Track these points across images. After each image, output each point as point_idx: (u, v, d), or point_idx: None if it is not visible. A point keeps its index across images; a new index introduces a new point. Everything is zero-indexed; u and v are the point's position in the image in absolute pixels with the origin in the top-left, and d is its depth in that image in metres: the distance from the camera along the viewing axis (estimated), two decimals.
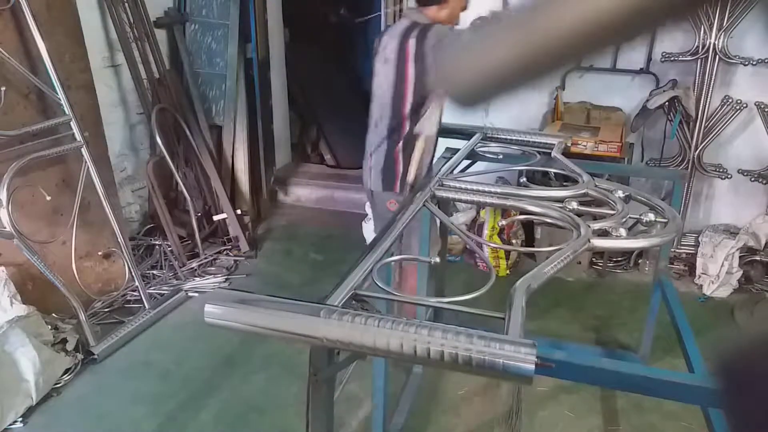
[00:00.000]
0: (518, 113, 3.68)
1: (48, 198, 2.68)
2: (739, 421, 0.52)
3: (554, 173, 2.41)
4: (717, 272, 3.35)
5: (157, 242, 3.61)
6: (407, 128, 2.33)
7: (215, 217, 3.76)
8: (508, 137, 2.59)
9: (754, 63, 3.24)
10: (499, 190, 1.97)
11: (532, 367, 0.96)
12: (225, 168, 3.95)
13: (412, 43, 2.23)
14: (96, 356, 2.66)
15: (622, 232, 1.71)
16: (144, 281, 3.12)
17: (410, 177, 2.18)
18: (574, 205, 1.84)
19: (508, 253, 3.55)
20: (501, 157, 2.54)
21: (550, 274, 1.40)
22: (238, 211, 3.84)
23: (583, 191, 1.98)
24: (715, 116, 3.39)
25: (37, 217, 2.75)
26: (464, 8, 2.38)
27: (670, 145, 3.47)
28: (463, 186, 2.02)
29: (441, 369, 2.44)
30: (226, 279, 3.46)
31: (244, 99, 3.97)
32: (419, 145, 2.29)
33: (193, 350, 2.80)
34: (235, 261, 3.64)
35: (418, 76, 2.25)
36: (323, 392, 1.25)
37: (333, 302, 1.22)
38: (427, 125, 2.27)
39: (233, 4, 3.77)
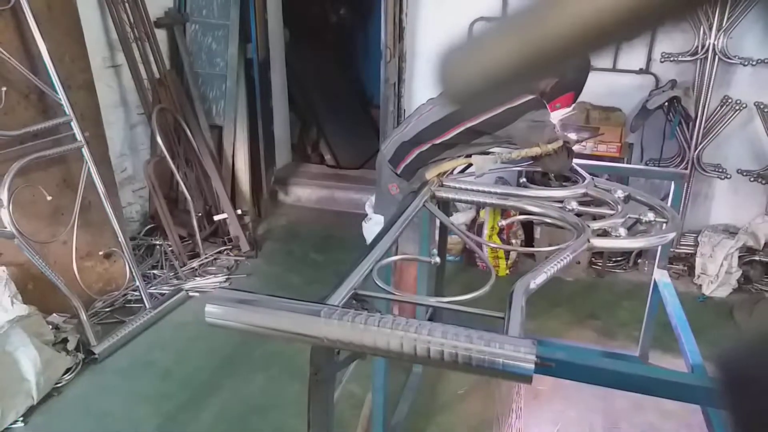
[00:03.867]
0: None
1: (49, 198, 2.68)
2: (740, 421, 0.52)
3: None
4: (716, 272, 3.36)
5: (157, 242, 3.62)
6: (434, 143, 2.32)
7: (216, 217, 3.77)
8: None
9: (754, 63, 3.24)
10: (498, 190, 1.97)
11: (532, 366, 0.97)
12: (225, 168, 3.95)
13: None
14: (97, 356, 2.67)
15: (622, 231, 1.72)
16: (145, 281, 3.13)
17: (427, 176, 2.17)
18: (574, 205, 1.85)
19: (507, 253, 3.55)
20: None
21: (550, 274, 1.41)
22: (239, 211, 3.85)
23: (582, 191, 1.99)
24: (714, 116, 3.39)
25: (37, 217, 2.75)
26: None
27: (669, 145, 3.47)
28: (462, 186, 2.02)
29: (441, 368, 2.44)
30: (227, 279, 3.47)
31: (245, 99, 3.97)
32: (450, 164, 2.26)
33: (194, 350, 2.81)
34: (236, 261, 3.65)
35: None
36: (323, 392, 1.25)
37: (333, 302, 1.22)
38: (481, 164, 2.22)
39: (233, 4, 3.78)
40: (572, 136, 2.45)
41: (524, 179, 2.53)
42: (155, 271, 3.43)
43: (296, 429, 2.33)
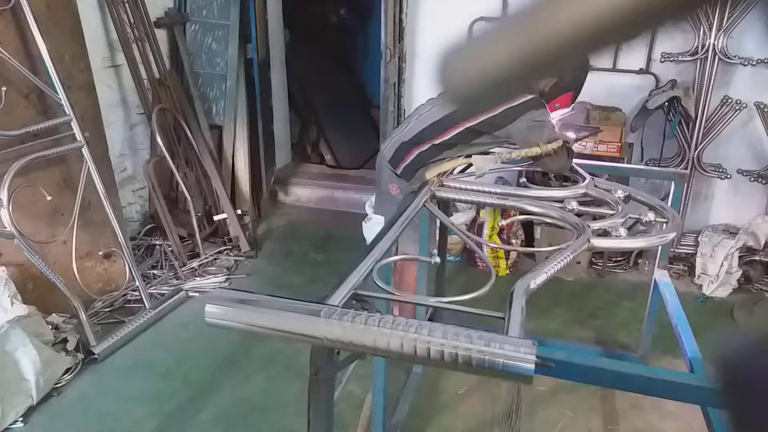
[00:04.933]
0: None
1: (48, 198, 2.68)
2: (740, 421, 0.52)
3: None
4: (716, 272, 3.36)
5: (157, 242, 3.62)
6: (433, 143, 2.33)
7: (215, 217, 3.77)
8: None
9: (754, 63, 3.24)
10: (498, 190, 1.97)
11: (532, 366, 0.97)
12: (225, 168, 3.95)
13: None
14: (96, 356, 2.66)
15: (622, 232, 1.72)
16: (144, 281, 3.13)
17: (427, 176, 2.17)
18: (574, 205, 1.85)
19: (507, 253, 3.55)
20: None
21: (550, 274, 1.41)
22: (239, 211, 3.85)
23: (582, 191, 1.99)
24: (714, 116, 3.39)
25: (37, 217, 2.75)
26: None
27: (669, 145, 3.47)
28: (463, 186, 2.02)
29: (441, 368, 2.44)
30: (227, 279, 3.46)
31: (245, 99, 3.97)
32: (450, 164, 2.27)
33: (194, 350, 2.81)
34: (236, 261, 3.65)
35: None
36: (323, 392, 1.25)
37: (333, 302, 1.22)
38: (481, 165, 2.22)
39: (233, 4, 3.78)
40: (571, 134, 2.45)
41: (524, 179, 2.53)
42: (155, 271, 3.43)
43: (296, 429, 2.33)
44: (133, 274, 3.04)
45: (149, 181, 3.54)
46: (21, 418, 2.33)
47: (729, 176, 3.47)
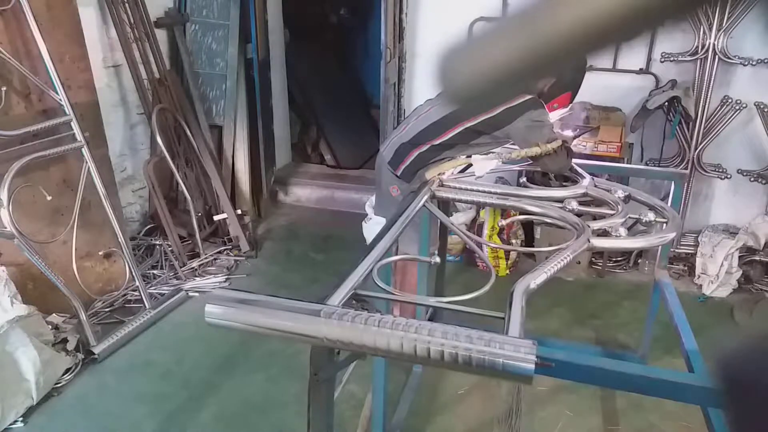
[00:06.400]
0: None
1: (49, 198, 2.68)
2: (740, 421, 0.52)
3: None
4: (716, 272, 3.36)
5: (157, 242, 3.62)
6: (433, 144, 2.33)
7: (216, 217, 3.77)
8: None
9: (754, 63, 3.24)
10: (499, 190, 1.97)
11: (532, 366, 0.97)
12: (225, 168, 3.95)
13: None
14: (96, 356, 2.66)
15: (622, 232, 1.72)
16: (144, 281, 3.13)
17: (428, 176, 2.17)
18: (574, 205, 1.85)
19: (507, 253, 3.55)
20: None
21: (550, 274, 1.41)
22: (239, 211, 3.85)
23: (582, 191, 1.99)
24: (714, 116, 3.39)
25: (37, 217, 2.75)
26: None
27: (669, 145, 3.47)
28: (463, 186, 2.02)
29: (441, 368, 2.44)
30: (227, 279, 3.46)
31: (245, 99, 3.97)
32: (450, 164, 2.27)
33: (194, 350, 2.81)
34: (236, 261, 3.65)
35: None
36: (323, 392, 1.25)
37: (333, 302, 1.22)
38: (481, 165, 2.23)
39: (233, 4, 3.78)
40: (568, 133, 2.45)
41: (524, 179, 2.53)
42: (155, 271, 3.43)
43: (296, 429, 2.33)
44: (133, 274, 3.04)
45: (149, 181, 3.54)
46: (21, 418, 2.33)
47: (729, 176, 3.47)
